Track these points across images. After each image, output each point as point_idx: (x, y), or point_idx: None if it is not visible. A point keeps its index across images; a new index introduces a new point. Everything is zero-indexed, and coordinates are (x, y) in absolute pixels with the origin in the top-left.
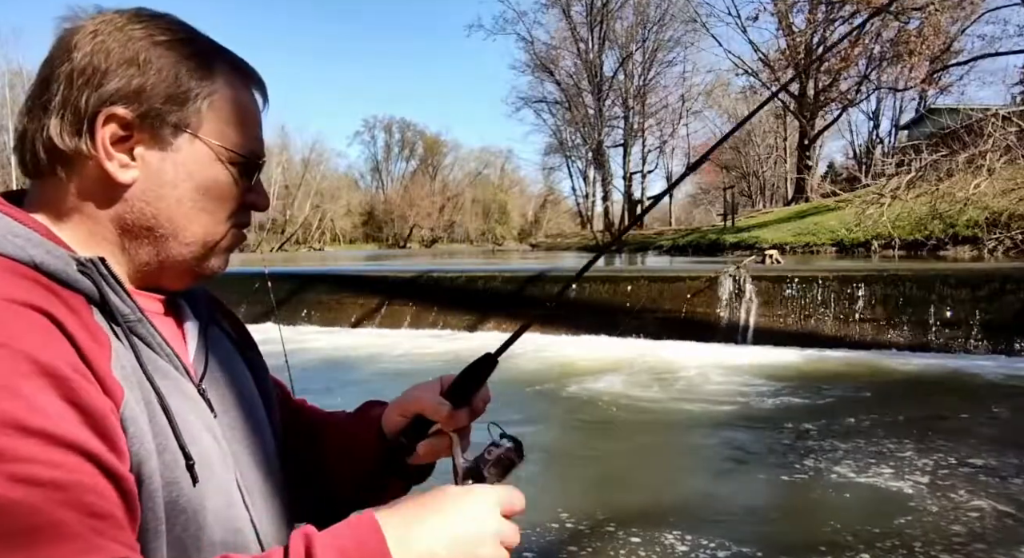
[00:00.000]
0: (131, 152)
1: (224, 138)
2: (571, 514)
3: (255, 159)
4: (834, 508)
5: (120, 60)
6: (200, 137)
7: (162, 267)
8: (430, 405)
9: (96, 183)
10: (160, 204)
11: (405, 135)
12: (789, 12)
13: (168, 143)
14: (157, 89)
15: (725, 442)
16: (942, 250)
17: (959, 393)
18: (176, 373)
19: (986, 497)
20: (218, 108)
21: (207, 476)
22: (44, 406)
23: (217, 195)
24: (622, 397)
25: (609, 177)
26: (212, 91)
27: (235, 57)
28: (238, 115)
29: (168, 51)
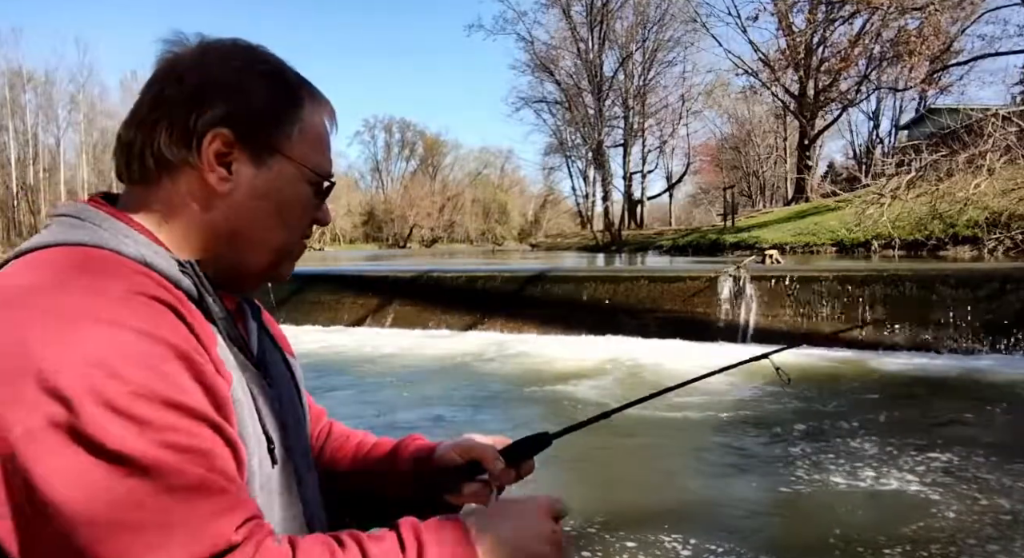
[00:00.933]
0: (229, 167)
1: (307, 160)
2: (570, 515)
3: (329, 180)
4: (834, 508)
5: (224, 85)
6: (290, 158)
7: (242, 270)
8: (490, 457)
9: (196, 192)
10: (248, 214)
11: (405, 135)
12: (789, 12)
13: (262, 161)
14: (257, 114)
15: (725, 442)
16: (942, 250)
17: (959, 393)
18: (252, 368)
19: (986, 497)
20: (305, 133)
21: (281, 461)
22: (182, 384)
23: (296, 210)
24: (621, 397)
25: (609, 177)
26: (301, 117)
27: (313, 86)
28: (319, 140)
29: (265, 79)
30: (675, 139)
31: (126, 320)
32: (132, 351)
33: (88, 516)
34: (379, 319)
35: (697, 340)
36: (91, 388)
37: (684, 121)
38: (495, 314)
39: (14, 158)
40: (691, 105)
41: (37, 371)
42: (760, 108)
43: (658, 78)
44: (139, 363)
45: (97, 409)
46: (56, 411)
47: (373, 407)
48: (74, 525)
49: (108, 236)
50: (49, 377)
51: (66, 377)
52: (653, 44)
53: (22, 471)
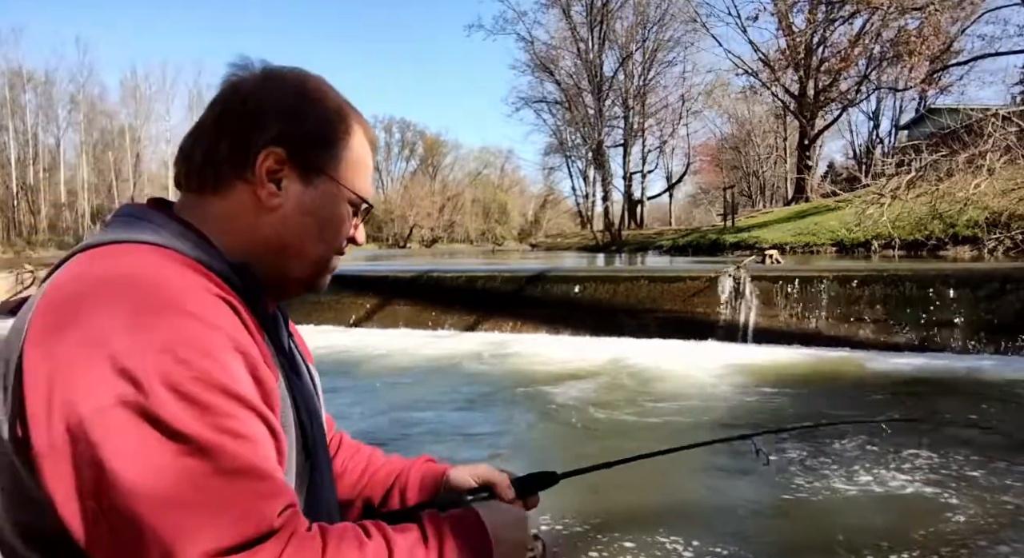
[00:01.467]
0: (279, 183)
1: (350, 182)
2: (569, 515)
3: (367, 202)
4: (833, 509)
5: (281, 109)
6: (336, 179)
7: (285, 278)
8: (502, 485)
9: (248, 204)
10: (294, 228)
11: (405, 135)
12: (789, 12)
13: (309, 180)
14: (308, 136)
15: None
16: (942, 250)
17: (959, 393)
18: (288, 368)
19: (987, 498)
20: (349, 157)
21: (316, 457)
22: (237, 374)
23: (336, 228)
24: (621, 397)
25: (609, 177)
26: (348, 143)
27: (361, 116)
28: (361, 165)
29: (318, 105)
30: (675, 139)
31: (192, 311)
32: (197, 340)
33: (148, 491)
34: (379, 319)
35: (697, 340)
36: (160, 372)
37: (684, 121)
38: (495, 314)
39: (14, 158)
40: (691, 105)
41: (111, 353)
42: (760, 108)
43: (658, 78)
44: (202, 352)
45: (164, 391)
46: (127, 391)
47: (373, 407)
48: (134, 499)
49: (168, 236)
50: (121, 359)
51: (137, 360)
52: (653, 44)
53: (91, 446)
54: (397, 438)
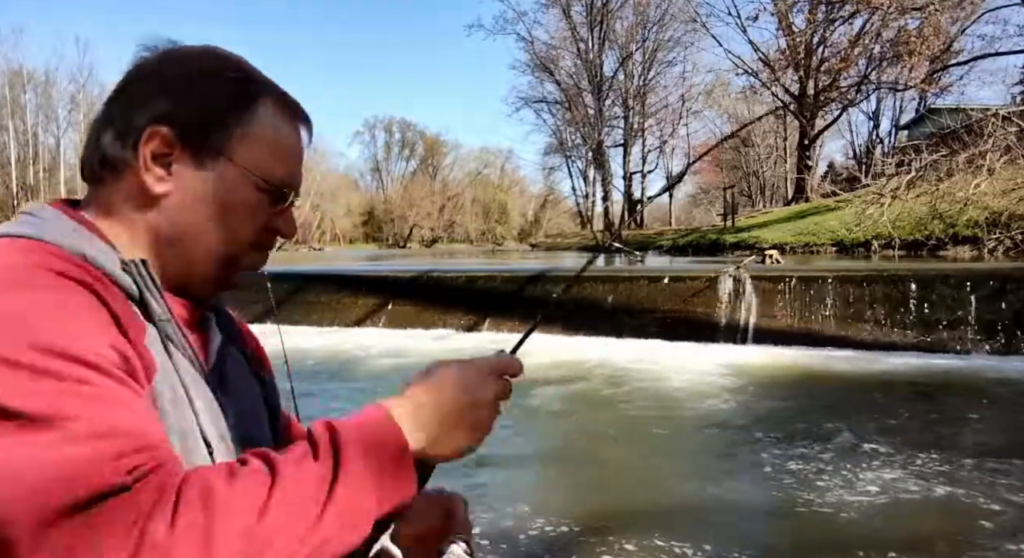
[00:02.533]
0: (169, 167)
1: (256, 166)
2: (568, 516)
3: (282, 189)
4: (833, 509)
5: (173, 85)
6: (233, 162)
7: (188, 275)
8: None
9: (136, 192)
10: (187, 218)
11: (405, 135)
12: (789, 12)
13: (203, 163)
14: (200, 114)
15: (724, 442)
16: (942, 250)
17: (959, 393)
18: (197, 375)
19: (986, 497)
20: (255, 138)
21: None
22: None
23: (242, 218)
24: (620, 398)
25: (609, 177)
26: (252, 120)
27: (284, 95)
28: (276, 147)
29: (216, 81)
30: (675, 139)
31: (29, 286)
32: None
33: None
34: (379, 319)
35: (697, 340)
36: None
37: (684, 121)
38: (495, 314)
39: (14, 158)
40: (691, 105)
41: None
42: (760, 108)
43: (658, 78)
44: (39, 319)
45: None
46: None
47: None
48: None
49: (51, 230)
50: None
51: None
52: (653, 44)
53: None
54: None
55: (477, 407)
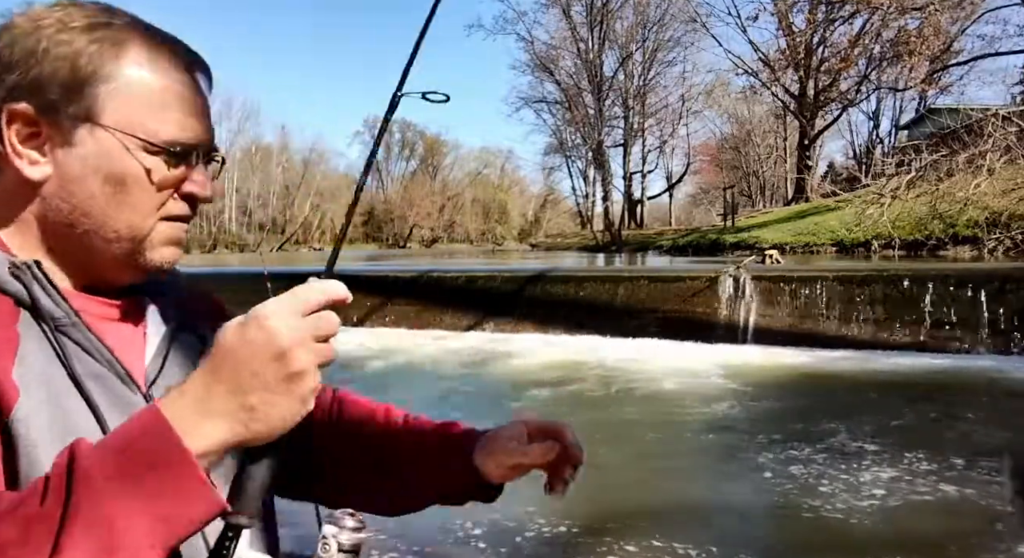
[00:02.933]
0: (41, 148)
1: (135, 126)
2: (566, 514)
3: (174, 147)
4: (833, 509)
5: (23, 52)
6: (104, 126)
7: (95, 264)
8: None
9: (15, 183)
10: (73, 200)
11: (405, 135)
12: (789, 12)
13: (71, 135)
14: (53, 79)
15: (724, 443)
16: (942, 250)
17: (959, 393)
18: (113, 378)
19: (986, 497)
20: (126, 93)
21: None
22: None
23: (135, 187)
24: (619, 397)
25: (609, 177)
26: (116, 75)
27: (157, 35)
28: (154, 100)
29: (72, 37)
30: (675, 139)
31: None
32: None
33: None
34: (379, 319)
35: (697, 340)
36: None
37: (684, 121)
38: (495, 314)
39: None
40: (691, 105)
41: None
42: (760, 108)
43: (658, 78)
44: None
45: None
46: None
47: None
48: None
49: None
50: None
51: None
52: (653, 44)
53: None
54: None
55: (278, 360)
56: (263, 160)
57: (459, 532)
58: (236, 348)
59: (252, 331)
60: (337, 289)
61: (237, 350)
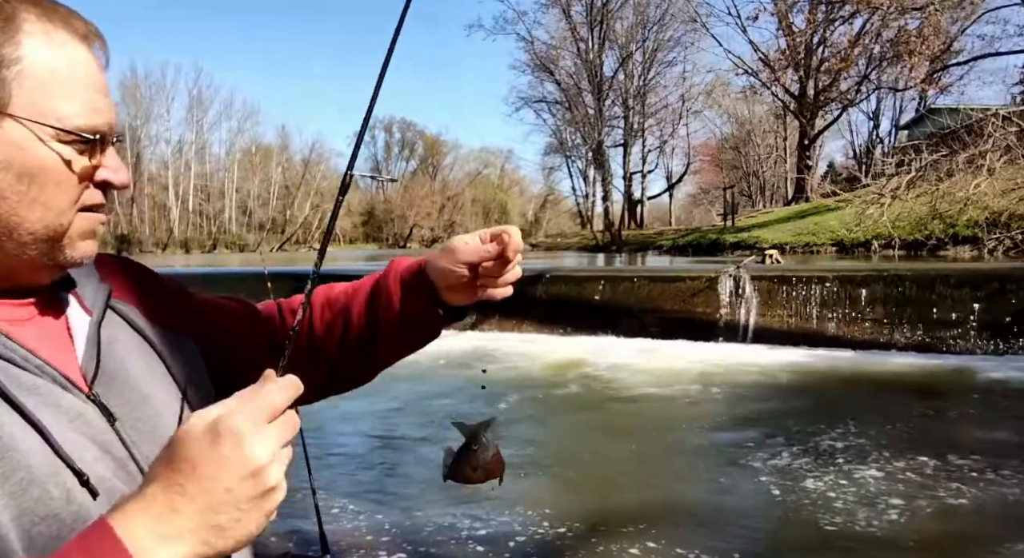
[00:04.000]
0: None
1: (46, 113)
2: (568, 515)
3: (88, 132)
4: (833, 509)
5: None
6: (11, 116)
7: (12, 268)
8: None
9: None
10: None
11: (405, 135)
12: (789, 12)
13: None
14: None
15: (724, 442)
16: (942, 250)
17: (959, 393)
18: (50, 385)
19: (986, 497)
20: (31, 76)
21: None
22: None
23: (48, 181)
24: (620, 397)
25: (609, 177)
26: (17, 58)
27: (57, 10)
28: (60, 81)
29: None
30: (675, 139)
31: None
32: None
33: None
34: None
35: (697, 340)
36: None
37: (684, 121)
38: (494, 313)
39: None
40: (691, 105)
41: None
42: (760, 108)
43: (658, 78)
44: None
45: None
46: None
47: (372, 408)
48: None
49: None
50: None
51: None
52: (653, 44)
53: None
54: (395, 437)
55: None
56: (263, 160)
57: (460, 532)
58: (207, 462)
59: (227, 448)
60: (297, 387)
61: (208, 465)
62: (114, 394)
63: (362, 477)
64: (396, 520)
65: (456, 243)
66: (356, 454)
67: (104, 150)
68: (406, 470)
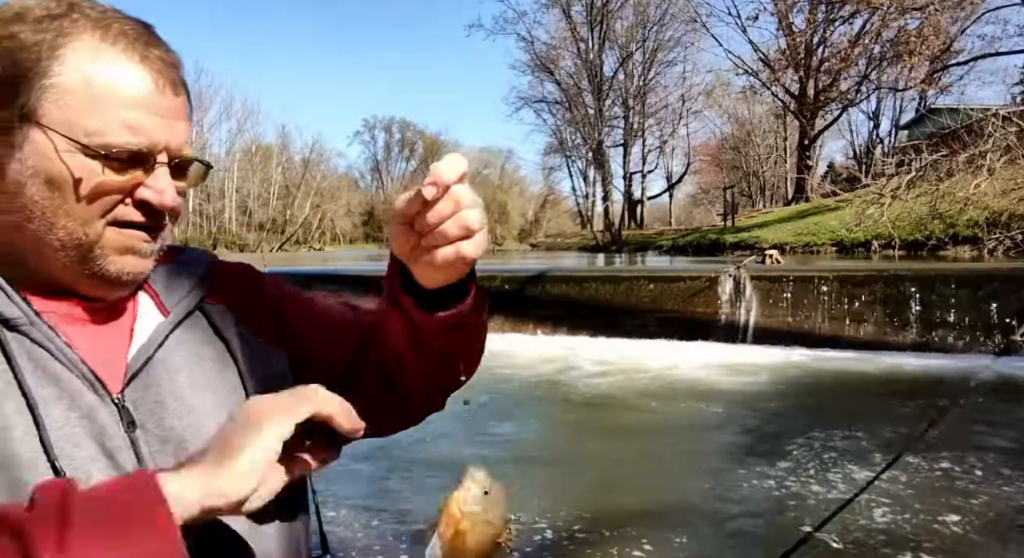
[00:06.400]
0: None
1: (73, 127)
2: (568, 515)
3: (115, 150)
4: (832, 508)
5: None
6: (41, 126)
7: (51, 272)
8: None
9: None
10: (15, 205)
11: (405, 135)
12: (789, 12)
13: (12, 137)
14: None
15: (724, 442)
16: (942, 250)
17: (959, 393)
18: (75, 380)
19: (987, 498)
20: (65, 91)
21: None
22: None
23: (71, 193)
24: (620, 398)
25: (609, 177)
26: (55, 71)
27: (119, 31)
28: (96, 98)
29: (20, 30)
30: (675, 139)
31: None
32: None
33: None
34: None
35: (697, 340)
36: None
37: (684, 121)
38: (495, 314)
39: None
40: (691, 105)
41: None
42: (760, 108)
43: (658, 78)
44: None
45: None
46: None
47: None
48: None
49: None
50: None
51: None
52: (653, 44)
53: None
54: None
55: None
56: (263, 160)
57: None
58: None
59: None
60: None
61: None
62: (149, 400)
63: (362, 477)
64: (396, 520)
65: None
66: (356, 454)
67: (150, 170)
68: (406, 470)
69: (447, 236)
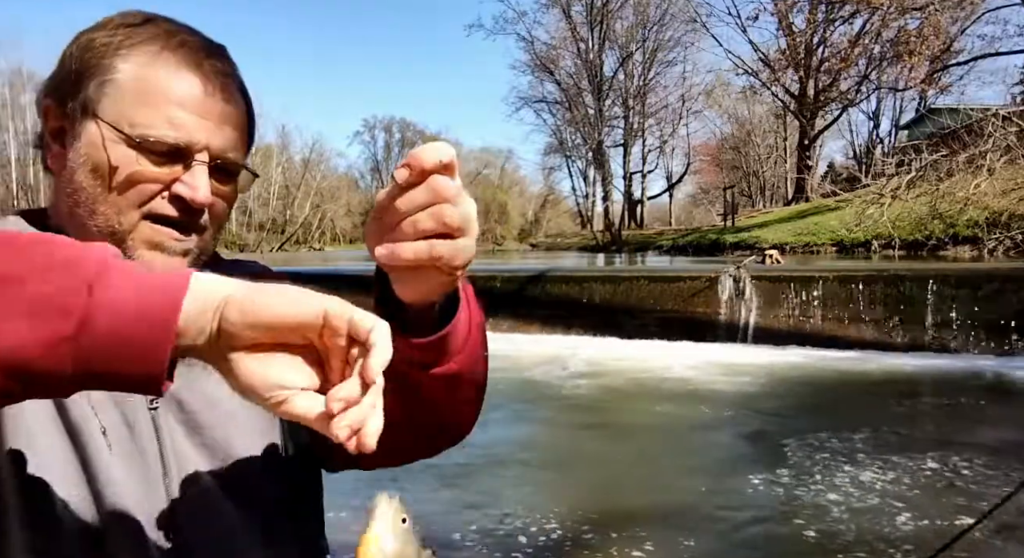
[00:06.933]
0: (63, 141)
1: (120, 119)
2: (568, 515)
3: (154, 142)
4: (833, 508)
5: (60, 59)
6: (96, 117)
7: None
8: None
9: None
10: (70, 189)
11: (405, 135)
12: (789, 12)
13: (77, 128)
14: (65, 75)
15: (724, 443)
16: (942, 250)
17: (959, 393)
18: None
19: (987, 497)
20: (118, 87)
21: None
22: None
23: (111, 181)
24: (619, 398)
25: (609, 177)
26: (114, 69)
27: (181, 40)
28: (144, 95)
29: (96, 35)
30: (675, 139)
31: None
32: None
33: None
34: None
35: (697, 340)
36: None
37: (684, 121)
38: (495, 314)
39: (14, 158)
40: (691, 105)
41: None
42: (760, 108)
43: (658, 78)
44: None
45: None
46: None
47: None
48: None
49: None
50: None
51: None
52: (653, 44)
53: None
54: None
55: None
56: (263, 160)
57: (459, 532)
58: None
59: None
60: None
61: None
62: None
63: (361, 477)
64: None
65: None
66: None
67: (188, 166)
68: (405, 470)
69: (417, 228)
